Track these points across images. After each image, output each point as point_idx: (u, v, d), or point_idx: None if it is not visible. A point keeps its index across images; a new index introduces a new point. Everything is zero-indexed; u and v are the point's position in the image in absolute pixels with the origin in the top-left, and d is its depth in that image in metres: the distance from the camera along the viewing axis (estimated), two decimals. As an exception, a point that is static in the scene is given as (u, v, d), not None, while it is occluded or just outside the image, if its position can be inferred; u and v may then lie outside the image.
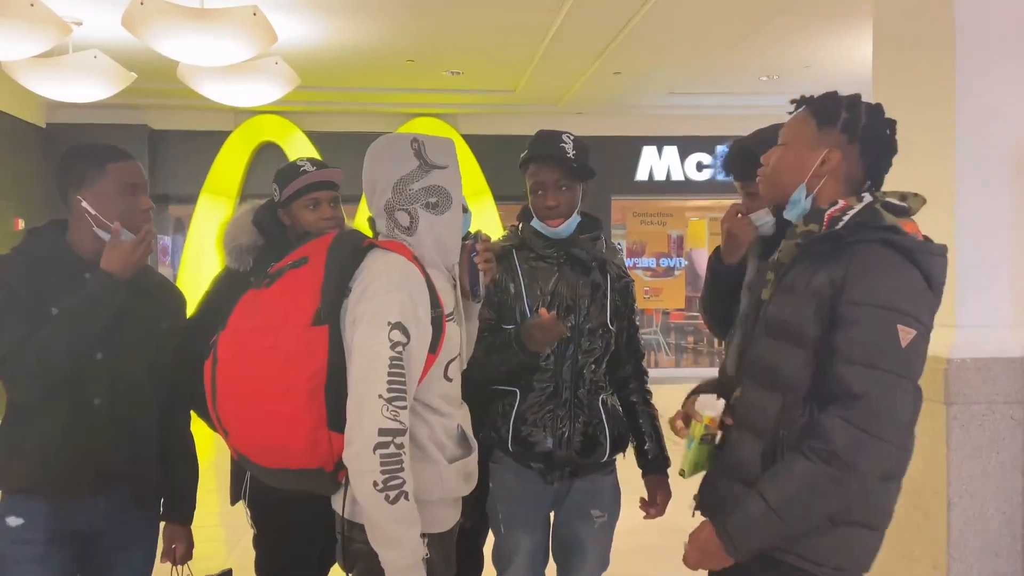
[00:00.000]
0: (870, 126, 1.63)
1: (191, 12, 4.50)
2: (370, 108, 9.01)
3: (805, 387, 1.56)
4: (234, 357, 1.68)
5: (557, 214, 2.17)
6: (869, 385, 1.47)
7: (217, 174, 8.79)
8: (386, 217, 1.74)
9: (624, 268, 2.33)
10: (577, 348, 2.19)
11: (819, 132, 1.64)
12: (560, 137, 2.17)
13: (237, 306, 1.74)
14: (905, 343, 1.48)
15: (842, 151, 1.62)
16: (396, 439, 1.55)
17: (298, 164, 2.32)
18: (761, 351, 1.64)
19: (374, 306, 1.60)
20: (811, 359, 1.55)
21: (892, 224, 1.55)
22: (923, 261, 1.54)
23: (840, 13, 5.93)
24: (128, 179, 1.99)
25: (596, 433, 2.19)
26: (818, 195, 1.64)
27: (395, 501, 1.54)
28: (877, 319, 1.49)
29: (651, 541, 2.50)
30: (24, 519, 1.91)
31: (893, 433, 1.49)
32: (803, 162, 1.64)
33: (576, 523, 2.24)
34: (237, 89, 5.79)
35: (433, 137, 1.78)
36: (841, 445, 1.47)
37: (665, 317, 12.50)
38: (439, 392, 1.71)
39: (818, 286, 1.55)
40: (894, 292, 1.50)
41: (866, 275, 1.51)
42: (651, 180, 9.93)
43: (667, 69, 7.67)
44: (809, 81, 7.89)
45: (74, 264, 1.96)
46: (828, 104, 1.66)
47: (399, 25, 6.29)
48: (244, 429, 1.68)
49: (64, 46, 5.46)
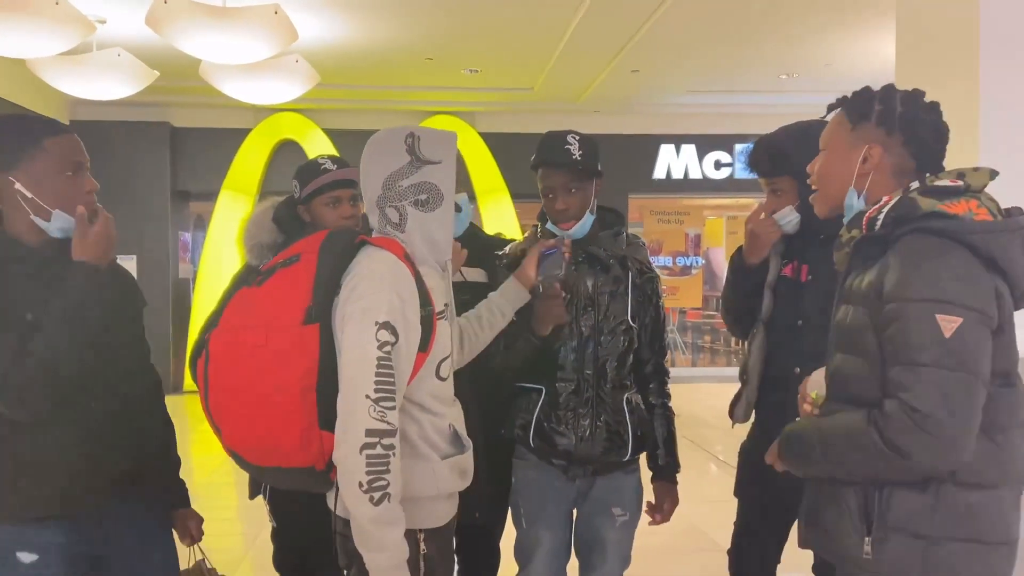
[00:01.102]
0: (907, 113, 1.58)
1: (214, 11, 4.54)
2: (389, 106, 9.05)
3: (874, 396, 1.48)
4: (225, 355, 1.67)
5: (568, 217, 2.18)
6: (916, 382, 1.40)
7: (237, 171, 8.86)
8: (377, 213, 1.73)
9: (648, 263, 2.32)
10: (598, 345, 2.19)
11: (855, 130, 1.61)
12: (565, 139, 2.15)
13: (229, 303, 1.73)
14: (948, 333, 1.39)
15: (882, 144, 1.58)
16: (383, 440, 1.54)
17: (319, 162, 2.34)
18: (837, 366, 1.58)
19: (362, 306, 1.58)
20: (876, 367, 1.48)
21: (930, 211, 1.46)
22: (974, 241, 1.44)
23: (861, 10, 5.89)
24: (70, 155, 1.74)
25: (619, 431, 2.19)
26: (869, 193, 1.59)
27: (379, 503, 1.53)
28: (915, 313, 1.41)
29: (671, 541, 2.50)
30: (38, 554, 1.75)
31: (948, 429, 1.38)
32: (846, 164, 1.61)
33: (597, 521, 2.24)
34: (258, 87, 5.83)
35: (432, 131, 1.76)
36: (894, 433, 1.41)
37: (682, 316, 12.46)
38: (430, 391, 1.70)
39: (866, 291, 1.51)
40: (931, 281, 1.42)
41: (903, 269, 1.44)
42: (669, 178, 9.90)
43: (685, 67, 7.64)
44: (829, 79, 7.84)
45: (33, 260, 1.74)
46: (860, 100, 1.62)
47: (418, 23, 6.31)
48: (236, 427, 1.67)
49: (88, 44, 5.53)
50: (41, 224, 1.74)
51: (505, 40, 6.75)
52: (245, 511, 3.71)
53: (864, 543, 1.48)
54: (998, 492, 1.48)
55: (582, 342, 2.18)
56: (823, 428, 1.55)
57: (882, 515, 1.47)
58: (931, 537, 1.45)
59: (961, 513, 1.45)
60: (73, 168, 1.75)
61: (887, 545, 1.46)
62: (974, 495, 1.46)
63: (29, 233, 1.75)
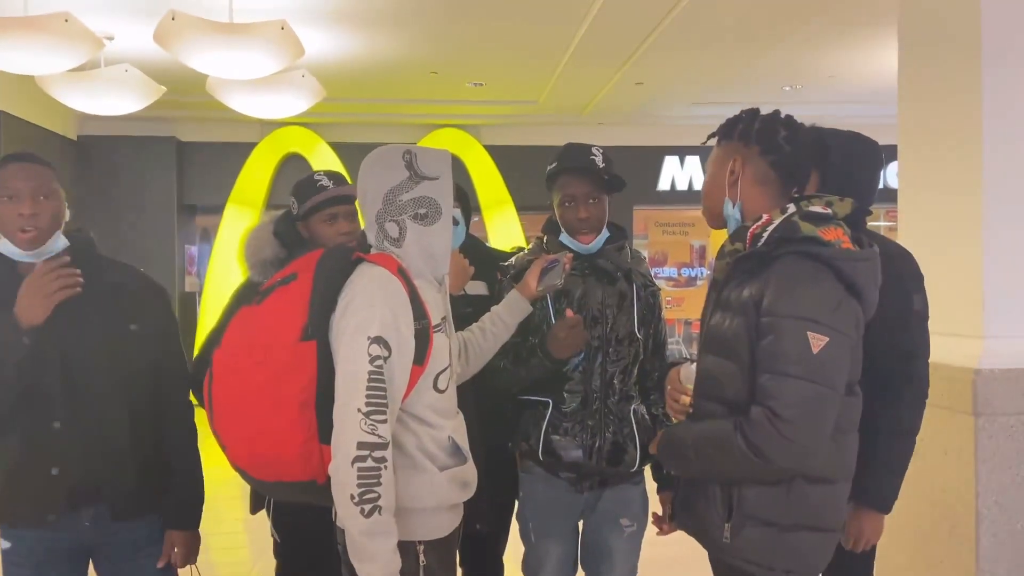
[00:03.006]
0: (764, 129, 1.74)
1: (221, 27, 4.58)
2: (394, 119, 9.08)
3: (743, 399, 1.62)
4: (227, 373, 1.71)
5: (588, 227, 2.18)
6: (782, 391, 1.54)
7: (243, 185, 8.89)
8: (376, 228, 1.76)
9: (649, 276, 2.34)
10: (606, 358, 2.20)
11: (722, 147, 1.79)
12: (590, 150, 2.18)
13: (231, 322, 1.78)
14: (816, 349, 1.54)
15: (742, 156, 1.74)
16: (374, 453, 1.56)
17: (315, 178, 2.33)
18: (706, 366, 1.72)
19: (355, 321, 1.62)
20: (746, 373, 1.62)
21: (810, 235, 1.61)
22: (843, 268, 1.60)
23: (864, 22, 5.90)
24: (5, 183, 1.83)
25: (626, 443, 2.20)
26: (744, 206, 1.74)
27: (369, 515, 1.55)
28: (789, 329, 1.56)
29: (679, 552, 2.50)
30: (11, 542, 1.87)
31: (806, 437, 1.54)
32: (718, 178, 1.78)
33: (605, 532, 2.25)
34: (264, 101, 5.87)
35: (428, 149, 1.80)
36: (758, 439, 1.55)
37: (687, 327, 12.43)
38: (428, 403, 1.72)
39: (745, 302, 1.63)
40: (807, 302, 1.57)
41: (782, 287, 1.58)
42: (673, 190, 9.91)
43: (689, 80, 7.66)
44: (833, 91, 7.86)
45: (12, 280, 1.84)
46: (728, 123, 1.80)
47: (423, 37, 6.35)
48: (239, 443, 1.71)
49: (96, 60, 5.57)
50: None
51: (509, 53, 6.78)
52: (251, 526, 3.72)
53: (724, 529, 1.65)
54: (837, 486, 1.68)
55: (590, 355, 2.19)
56: (696, 433, 1.71)
57: (740, 505, 1.65)
58: (781, 525, 1.63)
59: (808, 504, 1.64)
60: (8, 194, 1.83)
61: (743, 531, 1.64)
62: (819, 489, 1.64)
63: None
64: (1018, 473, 2.69)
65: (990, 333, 2.75)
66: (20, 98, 7.13)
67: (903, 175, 3.26)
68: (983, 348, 2.73)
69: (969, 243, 2.83)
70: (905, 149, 3.23)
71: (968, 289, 2.82)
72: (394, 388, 1.63)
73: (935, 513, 2.83)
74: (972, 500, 2.68)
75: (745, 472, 1.62)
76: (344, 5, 5.59)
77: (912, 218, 3.17)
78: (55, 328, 1.84)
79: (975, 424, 2.67)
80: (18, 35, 4.39)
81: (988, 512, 2.67)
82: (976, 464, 2.67)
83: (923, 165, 3.12)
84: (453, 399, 1.81)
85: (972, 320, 2.79)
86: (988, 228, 2.76)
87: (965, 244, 2.85)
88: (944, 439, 2.77)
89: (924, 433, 2.08)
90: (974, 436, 2.67)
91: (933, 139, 3.04)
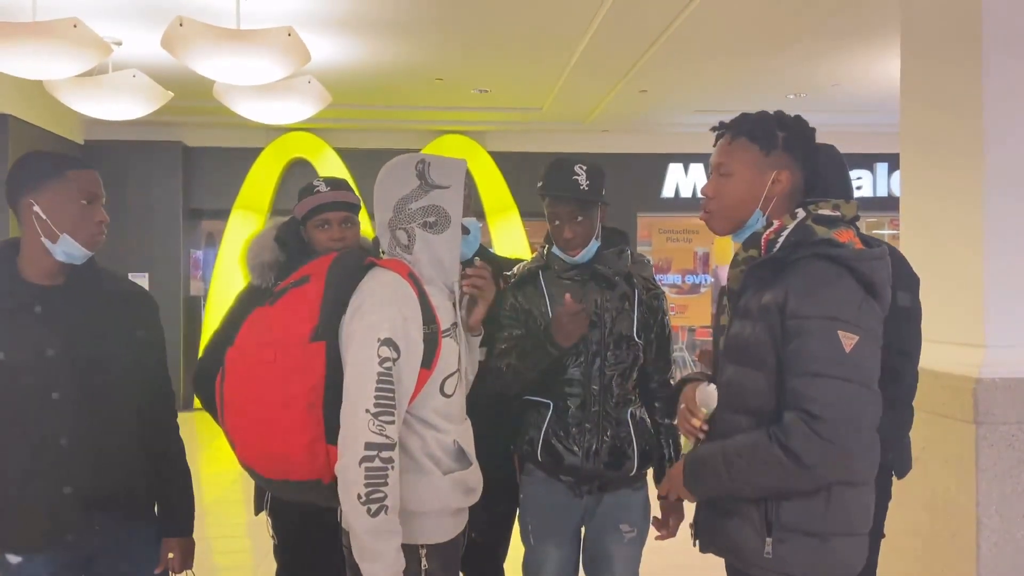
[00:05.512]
0: (806, 140, 1.71)
1: (228, 33, 4.61)
2: (399, 126, 9.12)
3: (771, 408, 1.60)
4: (239, 372, 1.74)
5: (574, 245, 2.23)
6: (818, 393, 1.51)
7: (249, 190, 8.93)
8: (388, 235, 1.79)
9: (653, 280, 2.35)
10: (604, 361, 2.22)
11: (765, 156, 1.68)
12: (573, 169, 2.19)
13: (245, 323, 1.80)
14: (849, 348, 1.52)
15: (789, 169, 1.69)
16: (382, 453, 1.58)
17: (313, 184, 2.38)
18: (728, 377, 1.68)
19: (366, 323, 1.65)
20: (773, 380, 1.59)
21: (825, 237, 1.60)
22: (861, 268, 1.59)
23: (867, 30, 5.92)
24: (87, 187, 1.86)
25: (624, 447, 2.22)
26: (771, 215, 1.70)
27: (376, 515, 1.57)
28: (818, 329, 1.54)
29: (681, 560, 2.51)
30: (23, 556, 1.85)
31: (847, 437, 1.51)
32: (754, 188, 1.69)
33: (605, 537, 2.26)
34: (270, 107, 5.89)
35: (444, 158, 1.83)
36: (796, 444, 1.51)
37: (691, 334, 12.42)
38: (434, 407, 1.74)
39: (766, 307, 1.60)
40: (832, 302, 1.55)
41: (805, 290, 1.57)
42: (677, 197, 9.92)
43: (693, 88, 7.69)
44: (836, 98, 7.86)
45: (24, 294, 1.82)
46: (765, 127, 1.70)
47: (428, 44, 6.38)
48: (248, 441, 1.73)
49: (104, 65, 5.61)
50: (48, 246, 1.82)
51: (514, 60, 6.81)
52: (254, 529, 3.73)
53: (766, 544, 1.61)
54: (868, 488, 1.65)
55: (589, 358, 2.21)
56: (726, 450, 1.63)
57: (779, 518, 1.61)
58: (823, 534, 1.60)
59: (847, 510, 1.61)
60: (89, 198, 1.86)
61: (786, 545, 1.60)
62: (852, 492, 1.61)
63: (40, 260, 1.84)
64: (1019, 482, 2.69)
65: (991, 342, 2.75)
66: (28, 102, 7.19)
67: (905, 184, 3.27)
68: (984, 357, 2.74)
69: (970, 252, 2.84)
70: (907, 158, 3.24)
71: (969, 298, 2.83)
72: (401, 390, 1.65)
73: (935, 521, 2.83)
74: (972, 509, 2.68)
75: (784, 483, 1.57)
76: (350, 12, 5.63)
77: (914, 227, 3.18)
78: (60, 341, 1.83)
79: (976, 433, 2.68)
80: (27, 40, 4.43)
81: (988, 521, 2.67)
82: (977, 473, 2.67)
83: (925, 173, 3.13)
84: (461, 405, 1.83)
85: (973, 329, 2.80)
86: (988, 234, 2.77)
87: (966, 253, 2.86)
88: (944, 448, 2.78)
89: (924, 441, 2.09)
90: (975, 445, 2.68)
91: (935, 148, 3.05)
